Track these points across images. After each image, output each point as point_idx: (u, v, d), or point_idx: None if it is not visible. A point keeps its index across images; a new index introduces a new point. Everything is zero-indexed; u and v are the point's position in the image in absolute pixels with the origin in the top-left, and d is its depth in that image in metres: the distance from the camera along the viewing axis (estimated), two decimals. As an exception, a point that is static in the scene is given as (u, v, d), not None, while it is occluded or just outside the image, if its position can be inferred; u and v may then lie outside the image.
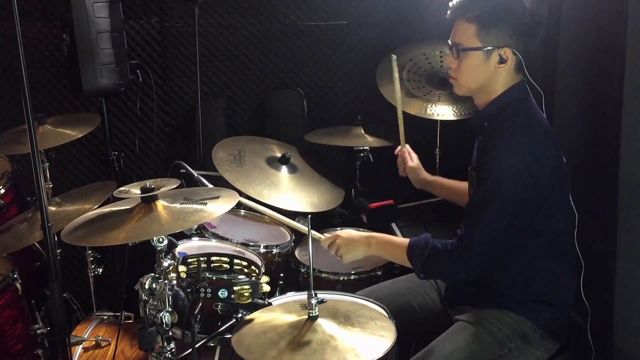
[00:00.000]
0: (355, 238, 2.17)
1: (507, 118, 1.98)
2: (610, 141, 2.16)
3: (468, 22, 1.96)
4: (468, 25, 1.96)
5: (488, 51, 1.95)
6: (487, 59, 1.96)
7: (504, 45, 1.94)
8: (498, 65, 1.96)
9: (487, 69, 1.98)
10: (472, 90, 2.06)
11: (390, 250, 2.13)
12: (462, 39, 1.98)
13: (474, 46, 1.96)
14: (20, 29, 1.71)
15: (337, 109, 3.43)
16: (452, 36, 2.03)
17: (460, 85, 2.06)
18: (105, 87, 2.91)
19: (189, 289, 1.84)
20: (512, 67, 1.98)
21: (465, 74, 2.02)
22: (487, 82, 2.01)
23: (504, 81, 2.00)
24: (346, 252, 2.16)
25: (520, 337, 2.02)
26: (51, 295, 1.82)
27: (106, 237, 1.75)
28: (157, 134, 3.42)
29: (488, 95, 2.04)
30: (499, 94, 2.01)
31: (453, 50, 2.02)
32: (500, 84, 2.01)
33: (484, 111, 2.06)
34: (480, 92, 2.05)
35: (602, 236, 2.20)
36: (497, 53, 1.95)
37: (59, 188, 3.12)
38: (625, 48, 2.04)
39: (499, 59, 1.95)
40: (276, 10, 3.32)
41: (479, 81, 2.01)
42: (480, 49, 1.96)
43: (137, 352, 2.23)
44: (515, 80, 2.01)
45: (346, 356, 1.62)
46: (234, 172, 2.58)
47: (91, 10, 2.80)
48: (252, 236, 2.56)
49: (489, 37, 1.94)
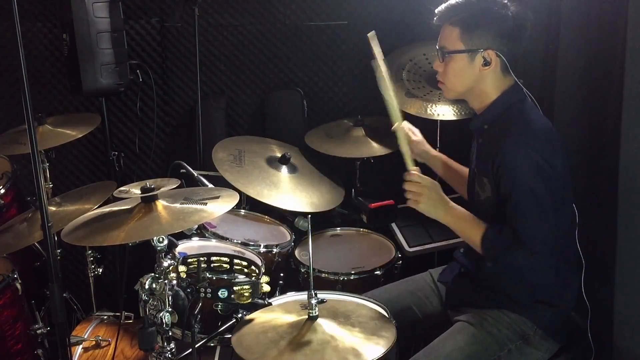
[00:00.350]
0: (441, 197, 2.02)
1: (510, 120, 2.00)
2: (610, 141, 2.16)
3: (452, 26, 2.01)
4: (452, 28, 2.00)
5: (472, 53, 1.99)
6: (471, 62, 2.00)
7: (487, 47, 1.97)
8: (482, 67, 1.99)
9: (473, 71, 2.01)
10: (460, 93, 2.09)
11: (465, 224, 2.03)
12: (447, 42, 2.03)
13: (458, 49, 2.00)
14: (20, 29, 1.71)
15: (337, 109, 3.43)
16: (438, 41, 2.07)
17: (448, 89, 2.09)
18: (105, 87, 2.91)
19: (189, 289, 1.84)
20: (497, 69, 2.00)
21: (451, 77, 2.05)
22: (474, 84, 2.03)
23: (493, 84, 2.02)
24: (425, 201, 2.01)
25: (520, 338, 2.02)
26: (51, 295, 1.82)
27: (106, 237, 1.75)
28: (157, 134, 3.42)
29: (481, 99, 2.06)
30: (496, 98, 2.03)
31: (439, 54, 2.06)
32: (490, 87, 2.03)
33: (483, 114, 2.08)
34: (470, 96, 2.08)
35: (602, 236, 2.20)
36: (481, 55, 1.98)
37: (59, 188, 3.12)
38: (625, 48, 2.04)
39: (483, 61, 1.98)
40: (276, 10, 3.32)
41: (466, 84, 2.04)
42: (464, 52, 1.99)
43: (137, 352, 2.23)
44: (505, 82, 2.03)
45: (346, 356, 1.62)
46: (234, 172, 2.58)
47: (91, 10, 2.80)
48: (252, 236, 2.56)
49: (472, 40, 1.98)
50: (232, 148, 2.75)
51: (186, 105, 3.43)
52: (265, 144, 2.92)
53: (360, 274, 2.49)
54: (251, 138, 3.11)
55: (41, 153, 2.71)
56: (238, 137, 3.22)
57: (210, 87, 3.41)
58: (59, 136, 2.74)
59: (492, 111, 2.05)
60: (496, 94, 2.03)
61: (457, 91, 2.08)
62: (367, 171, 2.99)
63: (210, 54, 3.36)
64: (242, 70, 3.40)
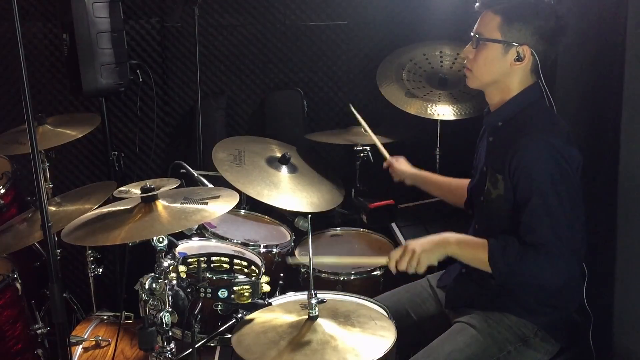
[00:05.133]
0: (430, 242, 2.00)
1: (529, 119, 1.97)
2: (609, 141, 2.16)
3: (494, 13, 1.96)
4: (493, 16, 1.96)
5: (507, 46, 1.95)
6: (504, 54, 1.96)
7: (524, 42, 1.94)
8: (514, 62, 1.96)
9: (503, 64, 1.97)
10: (484, 84, 2.05)
11: (469, 248, 1.98)
12: (485, 29, 1.98)
13: (494, 38, 1.96)
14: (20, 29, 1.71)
15: (337, 109, 3.43)
16: (475, 27, 2.02)
17: (474, 77, 2.04)
18: (105, 87, 2.91)
19: (189, 289, 1.84)
20: (528, 67, 1.97)
21: (481, 65, 2.01)
22: (501, 78, 2.00)
23: (519, 80, 1.99)
24: (423, 259, 1.97)
25: (520, 340, 2.01)
26: (51, 295, 1.82)
27: (106, 237, 1.75)
28: (157, 134, 3.42)
29: (502, 94, 2.03)
30: (515, 95, 2.00)
31: (473, 39, 2.01)
32: (515, 83, 2.00)
33: (499, 111, 2.05)
34: (493, 88, 2.04)
35: (602, 236, 2.20)
36: (516, 50, 1.94)
37: (59, 188, 3.12)
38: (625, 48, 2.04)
39: (517, 56, 1.95)
40: (276, 10, 3.32)
41: (493, 75, 2.00)
42: (500, 42, 1.95)
43: (137, 352, 2.22)
44: (529, 81, 2.00)
45: (346, 356, 1.62)
46: (234, 172, 2.58)
47: (91, 10, 2.80)
48: (252, 236, 2.56)
49: (511, 32, 1.94)
50: (232, 148, 2.75)
51: (186, 105, 3.43)
52: (265, 144, 2.92)
53: (361, 274, 2.49)
54: (251, 138, 3.11)
55: (41, 153, 2.71)
56: (238, 137, 3.21)
57: (210, 87, 3.41)
58: (59, 136, 2.74)
59: (509, 108, 2.01)
60: (517, 91, 2.00)
61: (482, 81, 2.04)
62: (367, 171, 2.99)
63: (210, 54, 3.36)
64: (242, 70, 3.40)
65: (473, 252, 1.97)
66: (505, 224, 1.98)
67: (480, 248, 1.93)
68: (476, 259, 1.96)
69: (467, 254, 1.99)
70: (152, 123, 3.38)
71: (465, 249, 1.99)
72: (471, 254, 1.98)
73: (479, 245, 1.95)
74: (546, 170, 1.87)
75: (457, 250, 1.98)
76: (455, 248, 1.98)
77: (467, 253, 1.99)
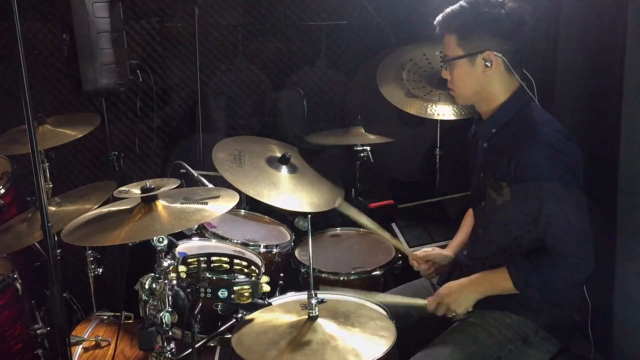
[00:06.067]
0: (461, 287, 2.05)
1: (522, 123, 1.99)
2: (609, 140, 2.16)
3: (450, 34, 2.03)
4: (451, 36, 2.03)
5: (471, 57, 2.00)
6: (472, 65, 2.00)
7: (484, 49, 1.98)
8: (485, 69, 2.00)
9: (476, 74, 2.01)
10: (469, 98, 2.10)
11: (496, 281, 2.01)
12: (449, 50, 2.05)
13: (458, 55, 2.02)
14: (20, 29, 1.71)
15: (337, 109, 3.43)
16: (442, 51, 2.10)
17: (458, 95, 2.10)
18: (105, 87, 2.91)
19: (189, 289, 1.84)
20: (501, 70, 2.00)
21: (458, 83, 2.06)
22: (480, 87, 2.03)
23: (500, 85, 2.02)
24: (458, 306, 2.03)
25: (520, 339, 2.02)
26: (51, 295, 1.82)
27: (106, 237, 1.75)
28: (157, 134, 3.42)
29: (489, 102, 2.05)
30: (504, 101, 2.03)
31: (444, 64, 2.09)
32: (496, 88, 2.02)
33: (491, 118, 2.07)
34: (480, 100, 2.08)
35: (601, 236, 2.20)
36: (481, 58, 1.98)
37: (59, 188, 3.11)
38: (625, 48, 2.04)
39: (484, 63, 1.99)
40: (276, 10, 3.32)
41: (473, 88, 2.05)
42: (464, 57, 2.01)
43: (137, 352, 2.23)
44: (511, 83, 2.02)
45: (346, 356, 1.62)
46: (234, 172, 2.58)
47: (91, 10, 2.80)
48: (252, 236, 2.56)
49: (470, 44, 1.99)
50: (232, 148, 2.75)
51: (186, 105, 3.43)
52: (265, 144, 2.92)
53: (360, 274, 2.49)
54: (251, 138, 3.11)
55: (41, 153, 2.71)
56: (238, 137, 3.21)
57: (210, 87, 3.41)
58: (59, 136, 2.74)
59: (501, 115, 2.04)
60: (505, 96, 2.03)
61: (466, 96, 2.09)
62: (367, 171, 2.99)
63: (210, 54, 3.36)
64: (242, 70, 3.40)
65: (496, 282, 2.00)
66: (513, 230, 1.99)
67: (504, 277, 1.97)
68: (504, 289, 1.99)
69: (497, 286, 2.01)
70: (152, 123, 3.38)
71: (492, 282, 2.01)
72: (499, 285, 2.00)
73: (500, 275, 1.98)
74: (553, 173, 1.88)
75: (487, 288, 2.02)
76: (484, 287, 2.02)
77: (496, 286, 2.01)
